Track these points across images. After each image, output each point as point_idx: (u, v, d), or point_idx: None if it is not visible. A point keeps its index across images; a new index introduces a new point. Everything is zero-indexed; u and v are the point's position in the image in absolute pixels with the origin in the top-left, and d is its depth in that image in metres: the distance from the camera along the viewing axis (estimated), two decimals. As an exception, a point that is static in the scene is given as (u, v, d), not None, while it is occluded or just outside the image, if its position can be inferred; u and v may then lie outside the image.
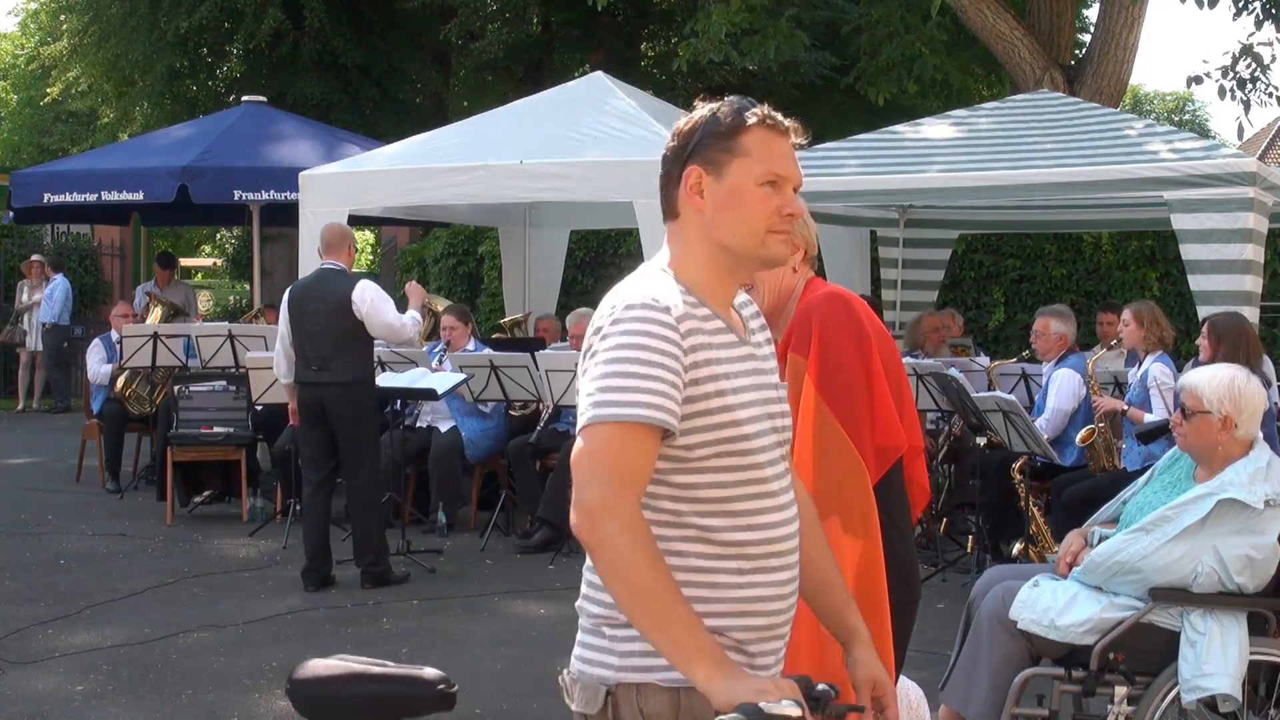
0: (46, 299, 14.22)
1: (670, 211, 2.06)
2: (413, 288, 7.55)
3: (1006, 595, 3.92)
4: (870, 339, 2.62)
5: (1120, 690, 3.72)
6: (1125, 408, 6.69)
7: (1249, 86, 11.87)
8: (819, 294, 2.70)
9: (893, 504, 2.62)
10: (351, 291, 6.58)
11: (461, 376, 7.64)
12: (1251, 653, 3.67)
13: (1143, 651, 3.73)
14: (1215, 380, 3.83)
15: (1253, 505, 3.63)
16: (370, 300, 6.59)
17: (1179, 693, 3.64)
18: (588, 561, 1.97)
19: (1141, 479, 4.20)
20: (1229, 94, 11.79)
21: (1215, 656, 3.58)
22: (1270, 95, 12.34)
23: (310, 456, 6.78)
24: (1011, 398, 6.41)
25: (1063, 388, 6.99)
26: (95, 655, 5.47)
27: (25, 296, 14.51)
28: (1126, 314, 6.84)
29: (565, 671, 2.08)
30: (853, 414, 2.54)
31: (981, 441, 6.97)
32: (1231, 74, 11.73)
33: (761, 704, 1.76)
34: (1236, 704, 3.57)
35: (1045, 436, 6.64)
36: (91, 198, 11.26)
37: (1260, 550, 3.64)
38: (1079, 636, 3.75)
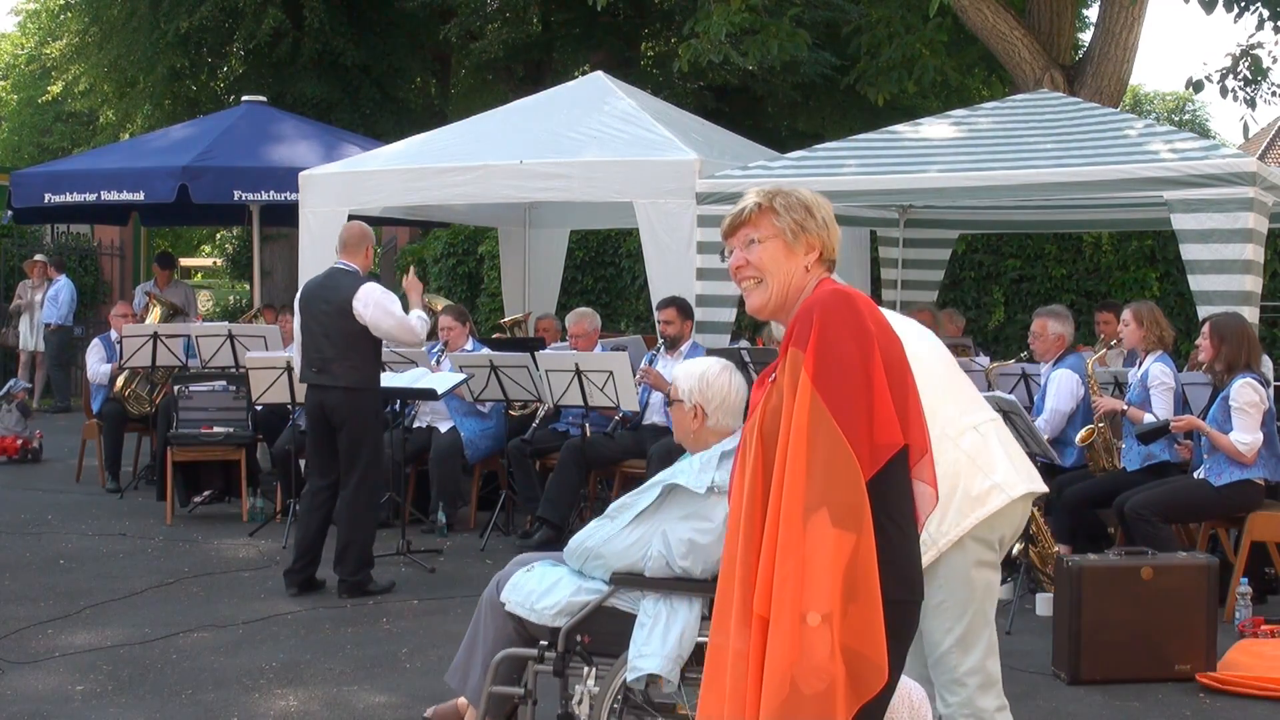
0: (51, 300, 14.20)
1: None
2: (411, 283, 7.14)
3: (502, 579, 4.05)
4: (873, 337, 2.61)
5: (587, 671, 3.82)
6: (1125, 408, 6.69)
7: (1251, 87, 11.87)
8: (822, 291, 2.71)
9: (892, 502, 2.62)
10: (354, 296, 6.40)
11: (461, 376, 7.63)
12: (707, 636, 3.71)
13: (607, 634, 3.82)
14: (690, 371, 3.93)
15: (696, 490, 3.72)
16: (373, 304, 6.40)
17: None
18: None
19: None
20: (1231, 94, 11.79)
21: (656, 639, 3.66)
22: (1274, 94, 12.34)
23: (314, 462, 6.64)
24: (1011, 398, 6.40)
25: (1061, 388, 6.98)
26: (95, 655, 5.47)
27: (26, 296, 14.51)
28: (1126, 314, 6.84)
29: None
30: (848, 408, 2.54)
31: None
32: (1233, 75, 11.73)
33: None
34: (672, 686, 3.66)
35: (1045, 437, 6.64)
36: (91, 198, 11.26)
37: (704, 534, 3.70)
38: (552, 619, 3.87)
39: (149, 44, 17.10)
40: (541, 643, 3.91)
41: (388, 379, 7.54)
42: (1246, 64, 11.68)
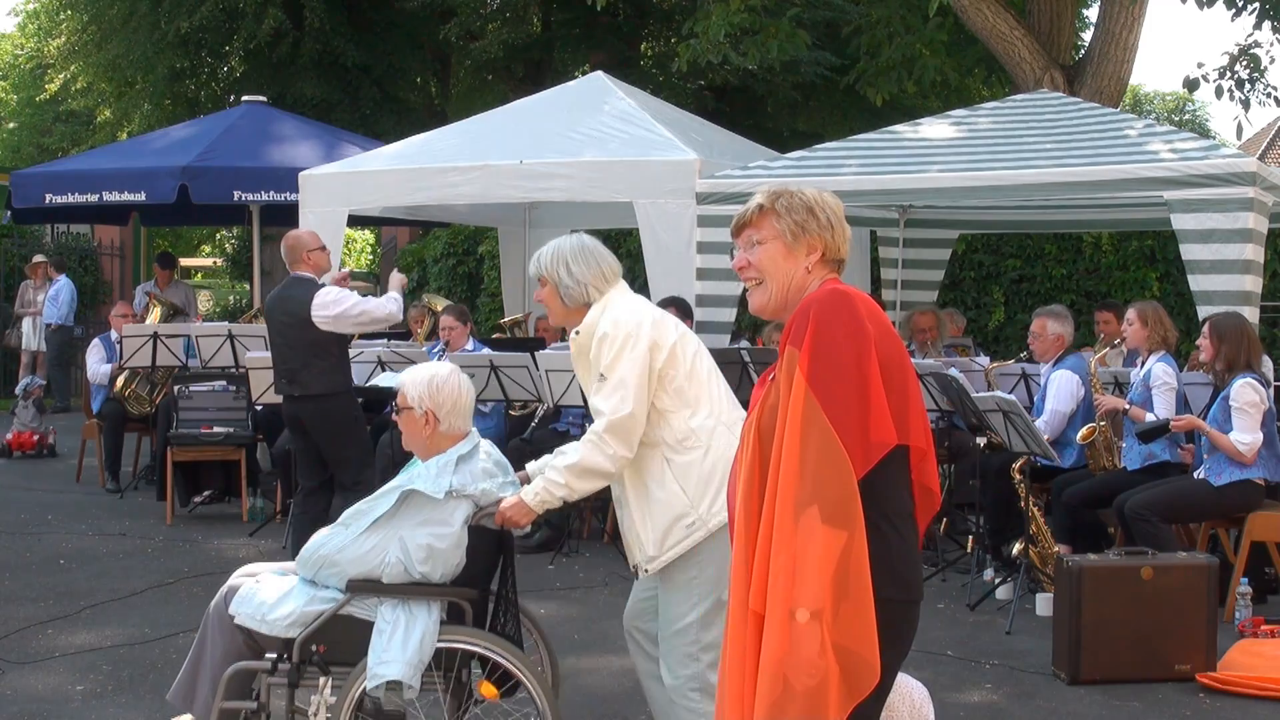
0: (51, 300, 14.21)
1: None
2: (395, 278, 7.25)
3: (229, 592, 3.98)
4: (870, 337, 2.61)
5: (323, 681, 3.78)
6: (1127, 407, 6.69)
7: (1248, 86, 11.88)
8: (822, 290, 2.70)
9: (887, 501, 2.61)
10: (310, 306, 6.35)
11: (461, 376, 7.63)
12: (445, 641, 3.72)
13: (344, 643, 3.79)
14: (417, 377, 3.93)
15: (434, 496, 3.71)
16: (330, 306, 6.36)
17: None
18: None
19: None
20: (1227, 94, 11.80)
21: (396, 645, 3.64)
22: (1269, 95, 12.35)
23: (303, 466, 6.68)
24: (1011, 398, 6.40)
25: (1060, 389, 6.98)
26: (95, 655, 5.47)
27: (29, 296, 14.52)
28: (1131, 313, 6.84)
29: None
30: (842, 407, 2.54)
31: (981, 441, 6.97)
32: (1229, 75, 11.74)
33: None
34: (414, 691, 3.64)
35: (1045, 438, 6.63)
36: (92, 198, 11.26)
37: (442, 539, 3.70)
38: (285, 630, 3.82)
39: (149, 44, 17.11)
40: (269, 655, 3.84)
41: (387, 379, 7.54)
42: (1244, 64, 11.68)
